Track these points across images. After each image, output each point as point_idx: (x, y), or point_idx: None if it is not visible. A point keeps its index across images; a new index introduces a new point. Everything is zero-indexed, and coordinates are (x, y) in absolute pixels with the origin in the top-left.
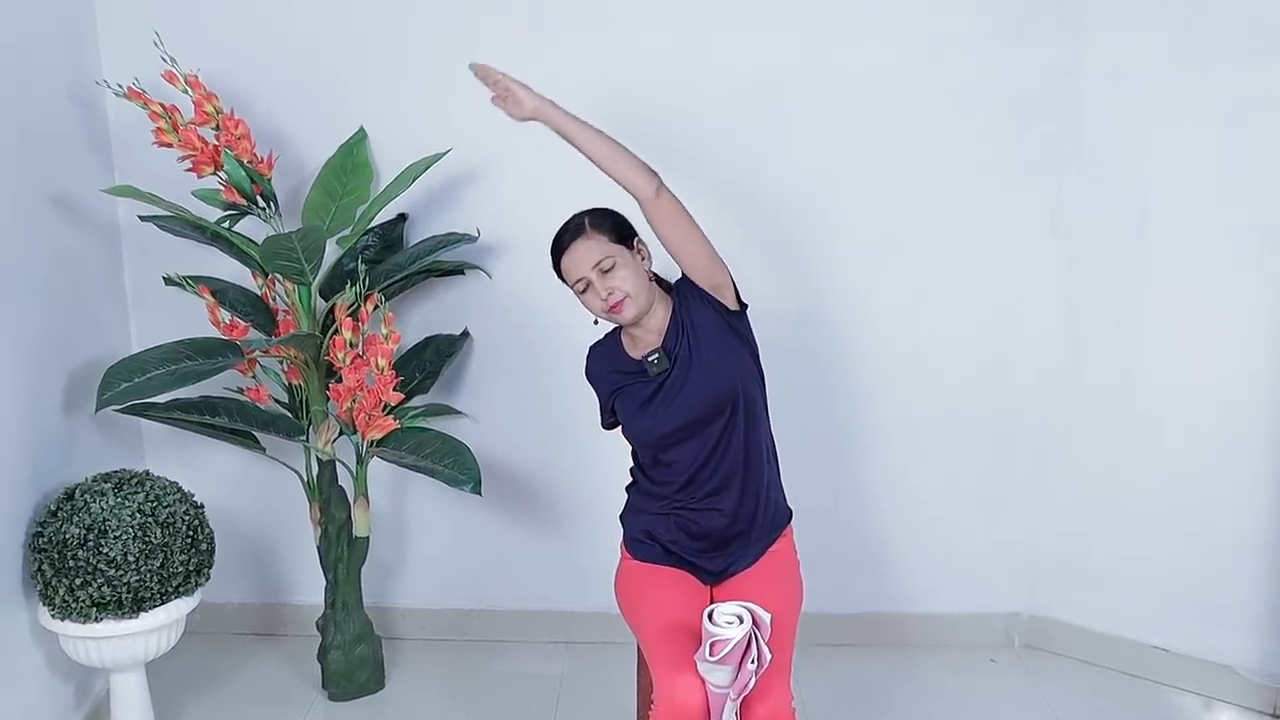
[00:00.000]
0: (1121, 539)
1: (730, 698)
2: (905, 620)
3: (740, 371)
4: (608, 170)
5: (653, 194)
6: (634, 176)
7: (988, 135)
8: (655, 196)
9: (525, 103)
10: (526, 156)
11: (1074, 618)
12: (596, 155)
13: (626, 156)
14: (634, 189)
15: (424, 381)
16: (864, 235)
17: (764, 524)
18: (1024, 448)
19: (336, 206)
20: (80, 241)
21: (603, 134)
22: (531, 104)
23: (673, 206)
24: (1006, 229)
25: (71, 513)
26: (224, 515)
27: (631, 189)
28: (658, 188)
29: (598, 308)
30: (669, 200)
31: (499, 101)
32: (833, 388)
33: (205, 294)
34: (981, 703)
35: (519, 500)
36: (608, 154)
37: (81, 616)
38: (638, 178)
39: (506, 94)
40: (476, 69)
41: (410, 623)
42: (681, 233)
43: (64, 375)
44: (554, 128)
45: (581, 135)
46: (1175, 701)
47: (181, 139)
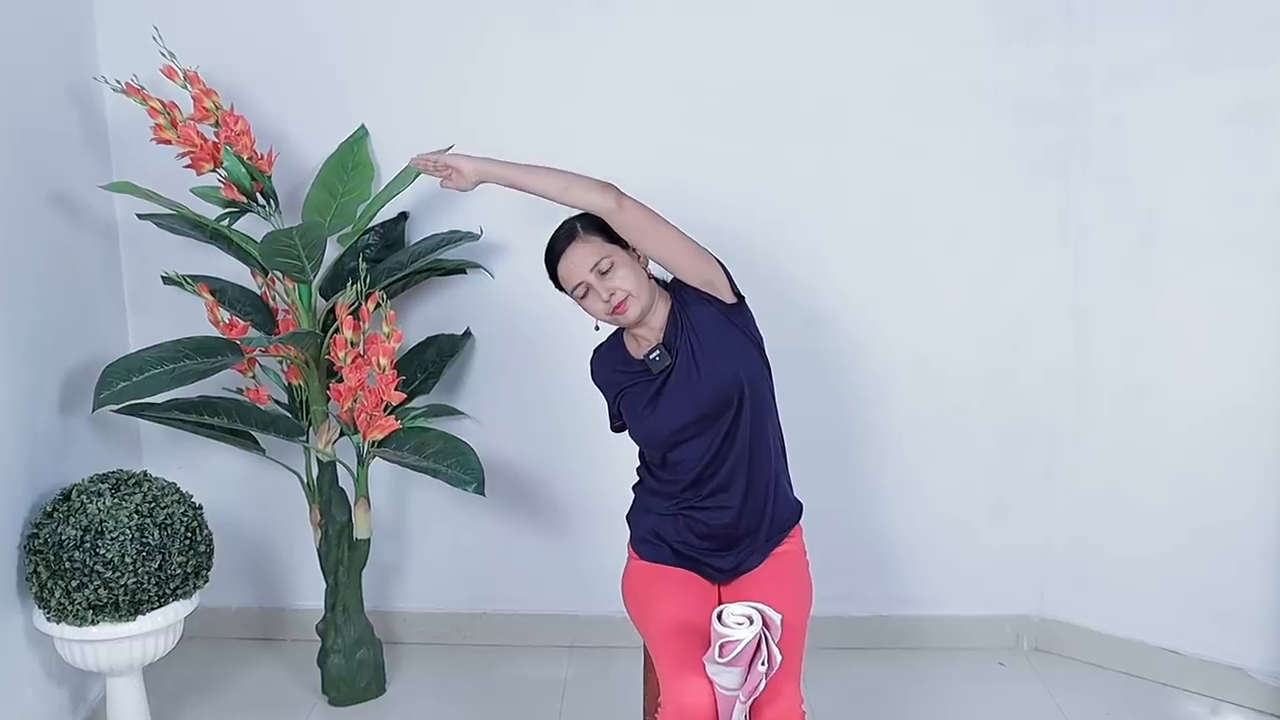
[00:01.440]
0: (1131, 541)
1: (740, 700)
2: (914, 623)
3: (744, 364)
4: (564, 201)
5: (615, 207)
6: (591, 197)
7: (995, 137)
8: (619, 209)
9: (467, 173)
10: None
11: (1083, 620)
12: (549, 192)
13: (578, 181)
14: (596, 209)
15: (426, 381)
16: (872, 237)
17: (773, 519)
18: (1033, 450)
19: (337, 204)
20: (77, 240)
21: (548, 169)
22: (472, 169)
23: (639, 213)
24: (1015, 231)
25: (68, 514)
26: (222, 518)
27: (594, 210)
28: (618, 198)
29: (600, 311)
30: (633, 208)
31: (448, 183)
32: (841, 390)
33: (204, 293)
34: (990, 706)
35: (522, 502)
36: (559, 186)
37: (78, 619)
38: (595, 197)
39: (449, 172)
40: (415, 162)
41: (412, 627)
42: (656, 237)
43: (60, 375)
44: (501, 182)
45: (529, 179)
46: (1186, 704)
47: (181, 135)
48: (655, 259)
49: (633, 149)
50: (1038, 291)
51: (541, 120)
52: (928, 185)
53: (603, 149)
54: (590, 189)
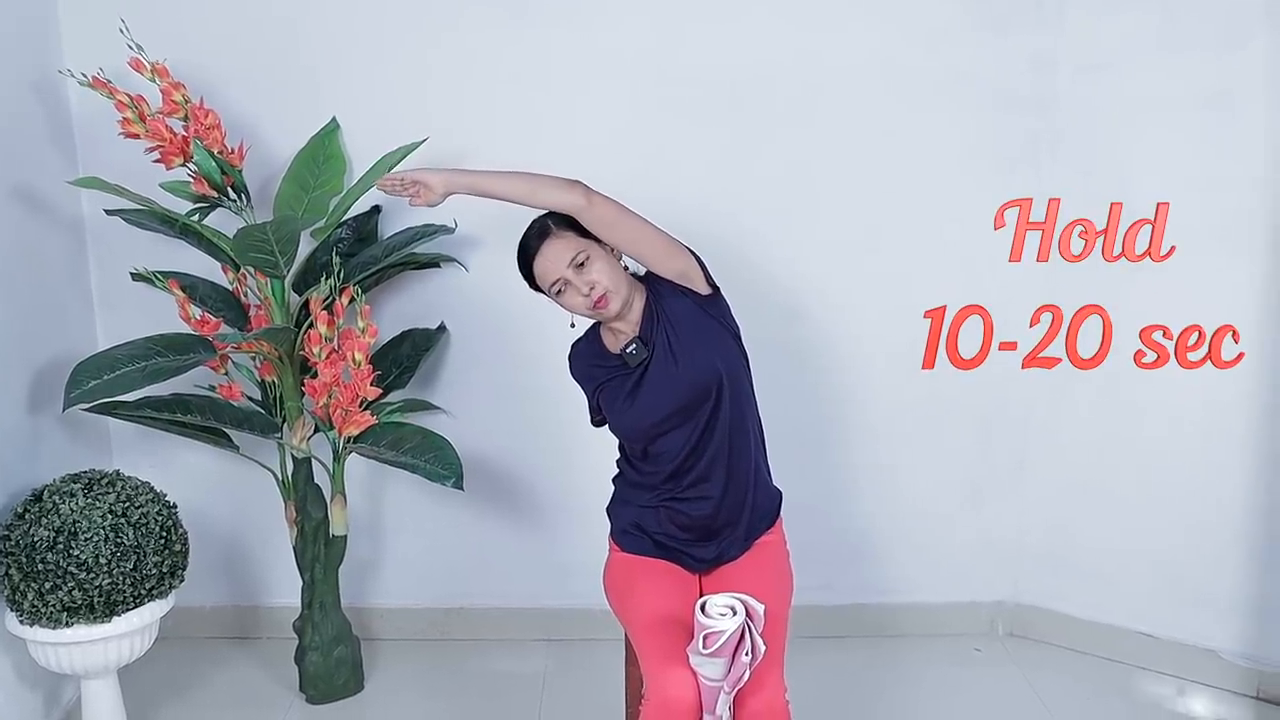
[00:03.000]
0: (1105, 527)
1: (724, 690)
2: (890, 611)
3: (721, 355)
4: (533, 204)
5: (585, 204)
6: (559, 196)
7: (969, 127)
8: (588, 205)
9: (435, 185)
10: (504, 147)
11: (1058, 605)
12: (517, 195)
13: (545, 182)
14: (565, 208)
15: (401, 376)
16: (844, 225)
17: (754, 509)
18: (1008, 438)
19: (309, 198)
20: (43, 236)
21: (514, 173)
22: (440, 181)
23: (609, 209)
24: (986, 220)
25: (40, 514)
26: (196, 516)
27: (563, 209)
28: (586, 195)
29: (580, 306)
30: (603, 203)
31: (416, 201)
32: (816, 380)
33: (175, 289)
34: (967, 691)
35: (499, 496)
36: (526, 190)
37: (51, 621)
38: (564, 195)
39: (417, 188)
40: (381, 185)
41: (389, 623)
42: (628, 231)
43: (28, 373)
44: (468, 191)
45: (496, 185)
46: (1159, 685)
47: (149, 129)
48: (628, 253)
49: (606, 139)
50: (1012, 279)
51: (513, 111)
52: (902, 176)
53: (575, 140)
54: (558, 188)
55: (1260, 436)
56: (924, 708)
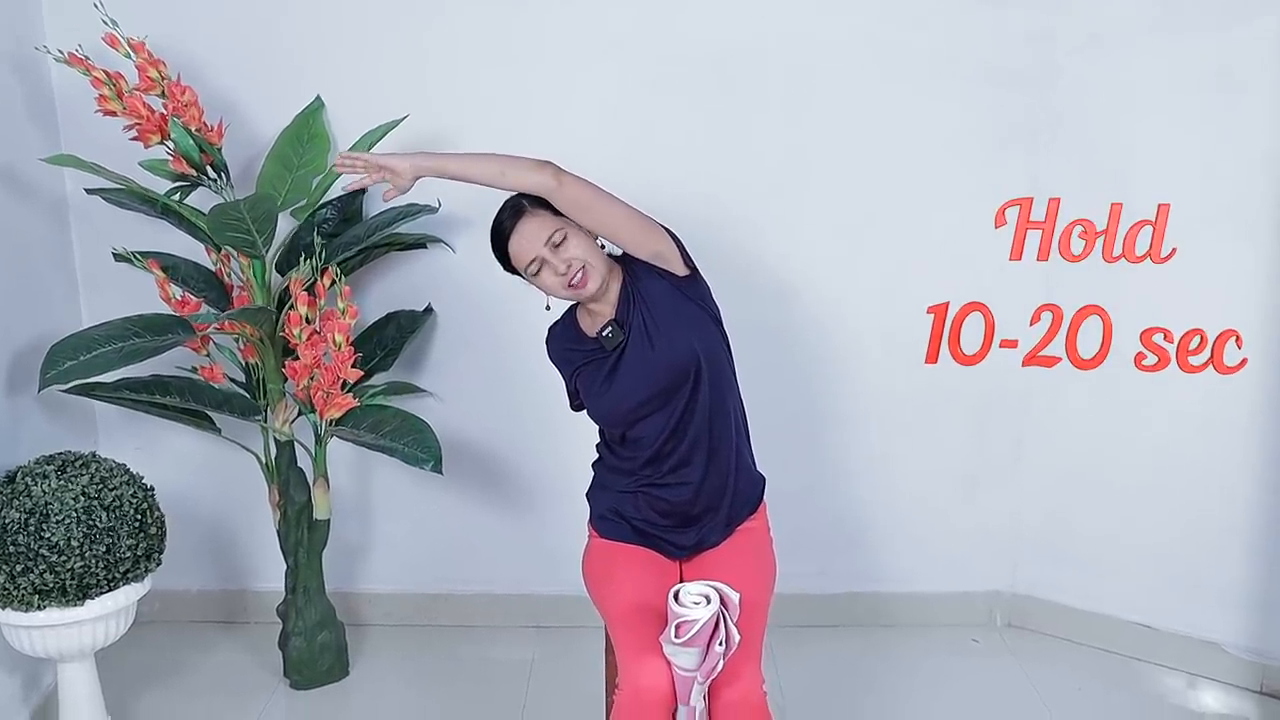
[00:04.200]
0: (1104, 516)
1: (698, 681)
2: (886, 600)
3: (699, 337)
4: (503, 186)
5: (555, 185)
6: (530, 177)
7: (965, 104)
8: (559, 186)
9: (403, 171)
10: (490, 126)
11: (1057, 596)
12: (486, 178)
13: (514, 163)
14: (535, 189)
15: (385, 359)
16: (838, 207)
17: (735, 495)
18: (1005, 425)
19: (293, 178)
20: (23, 215)
21: (483, 154)
22: (407, 167)
23: (581, 189)
24: (984, 201)
25: (11, 496)
26: (182, 499)
27: (534, 190)
28: (556, 175)
29: (557, 286)
30: (574, 183)
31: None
32: (808, 364)
33: (155, 269)
34: (964, 682)
35: (487, 481)
36: (495, 171)
37: (23, 605)
38: (534, 176)
39: (383, 173)
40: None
41: (376, 608)
42: (600, 212)
43: (8, 355)
44: (436, 174)
45: (464, 167)
46: (1160, 679)
47: (126, 107)
48: (602, 234)
49: (594, 120)
50: (1008, 264)
51: (500, 89)
52: (895, 154)
53: (563, 120)
54: (528, 169)
55: (1265, 428)
56: (919, 699)
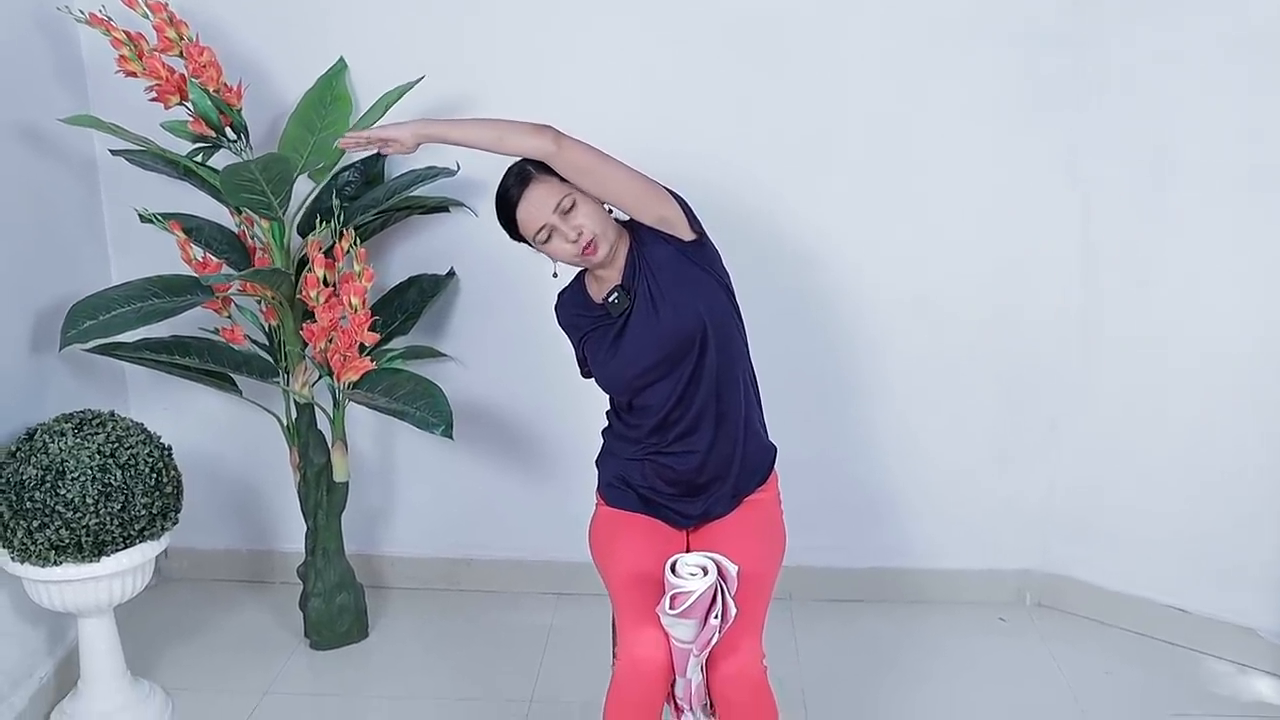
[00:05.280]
0: (1139, 494)
1: (693, 653)
2: (911, 576)
3: (706, 303)
4: (502, 151)
5: (555, 149)
6: (528, 142)
7: (999, 66)
8: (558, 150)
9: (406, 139)
10: (510, 89)
11: (1088, 576)
12: (484, 143)
13: (512, 128)
14: (534, 154)
15: (405, 322)
16: (868, 172)
17: (744, 465)
18: (1037, 398)
19: (315, 140)
20: (52, 176)
21: (482, 120)
22: (409, 134)
23: (581, 153)
24: (1020, 166)
25: (30, 453)
26: (211, 459)
27: (532, 155)
28: (556, 139)
29: (568, 253)
30: (574, 147)
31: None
32: (835, 332)
33: (176, 230)
34: (990, 662)
35: (510, 446)
36: (494, 136)
37: (41, 560)
38: (532, 141)
39: (387, 144)
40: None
41: (398, 571)
42: (602, 177)
43: (32, 314)
44: (438, 140)
45: (464, 132)
46: (1193, 664)
47: (146, 67)
48: (604, 198)
49: (612, 81)
50: (1044, 230)
51: (521, 52)
52: (927, 117)
53: (583, 80)
54: (526, 134)
55: None
56: (941, 677)
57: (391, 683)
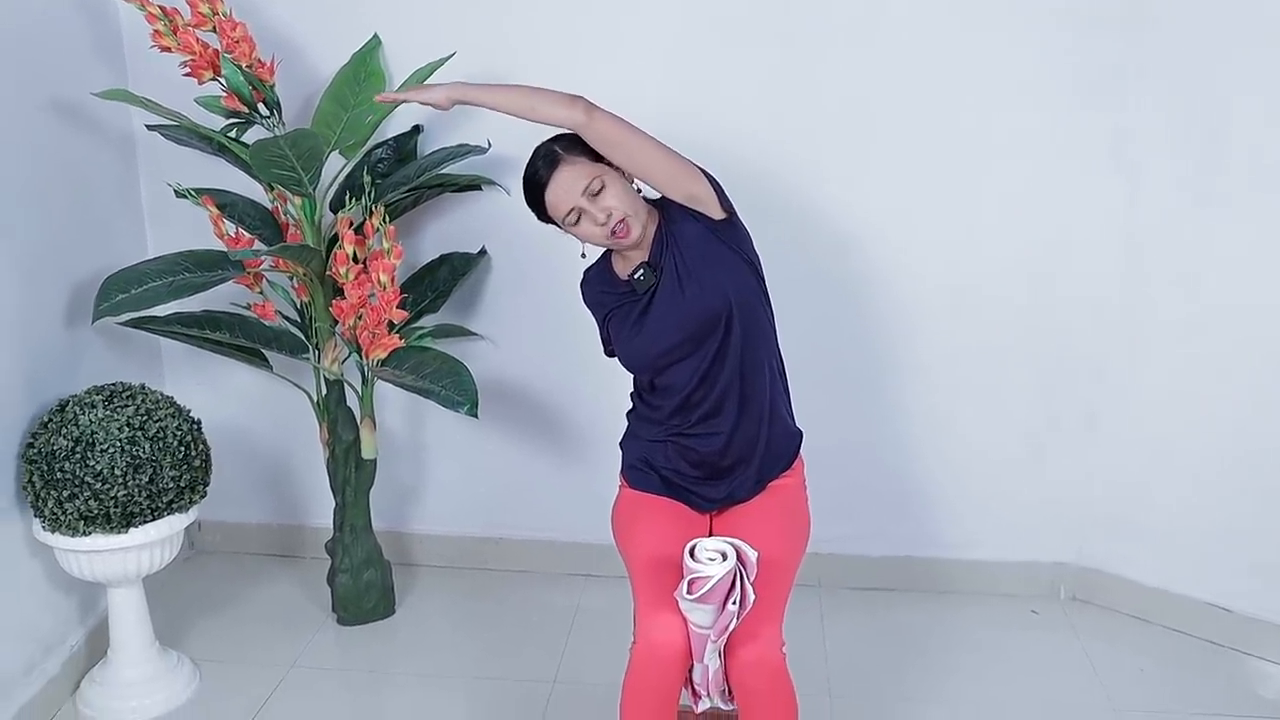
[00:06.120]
0: (1180, 487)
1: (711, 639)
2: (943, 566)
3: (733, 283)
4: (532, 118)
5: (585, 120)
6: (559, 112)
7: (1044, 47)
8: (589, 121)
9: (440, 100)
10: (545, 64)
11: (1126, 570)
12: (515, 109)
13: (544, 96)
14: (565, 124)
15: (436, 300)
16: (907, 156)
17: (768, 448)
18: (1077, 388)
19: (348, 116)
20: (88, 150)
21: (515, 86)
22: (444, 95)
23: (612, 125)
24: (1064, 151)
25: (61, 424)
26: (244, 434)
27: (563, 125)
28: (587, 110)
29: (597, 235)
30: (605, 120)
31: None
32: (871, 316)
33: (209, 205)
34: (1021, 656)
35: (541, 426)
36: (525, 104)
37: (70, 530)
38: (563, 111)
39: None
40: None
41: (427, 549)
42: (633, 150)
43: (68, 287)
44: (472, 102)
45: (497, 97)
46: (1235, 664)
47: (180, 42)
48: (633, 173)
49: (650, 60)
50: (1088, 217)
51: (556, 27)
52: (970, 98)
53: (619, 58)
54: (557, 103)
55: None
56: (969, 670)
57: (417, 660)
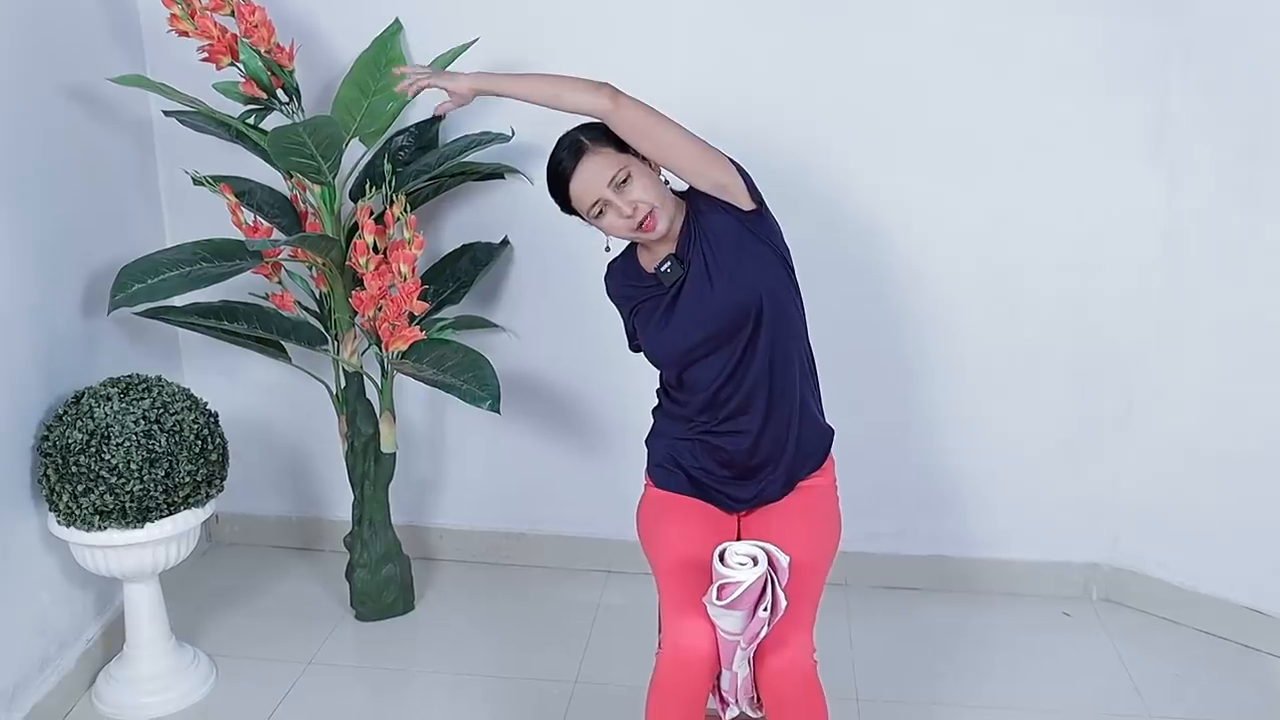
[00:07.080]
0: (1217, 488)
1: (740, 646)
2: (974, 565)
3: (763, 277)
4: (558, 107)
5: (612, 107)
6: (585, 99)
7: (1082, 33)
8: (615, 108)
9: (462, 90)
10: (571, 48)
11: (1160, 572)
12: (540, 97)
13: (570, 84)
14: (591, 112)
15: (457, 291)
16: (939, 145)
17: (799, 447)
18: (1112, 386)
19: (369, 103)
20: (107, 137)
21: (539, 74)
22: (466, 86)
23: (639, 113)
24: (1101, 140)
25: (75, 417)
26: (263, 426)
27: (589, 113)
28: (613, 97)
29: (623, 228)
30: (632, 107)
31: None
32: (902, 309)
33: (227, 194)
34: (1052, 658)
35: (563, 420)
36: (550, 92)
37: (85, 524)
38: (589, 98)
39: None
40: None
41: (447, 544)
42: (660, 139)
43: (85, 276)
44: (495, 93)
45: (521, 86)
46: (1271, 669)
47: (198, 27)
48: (660, 162)
49: (679, 47)
50: (1125, 209)
51: (581, 8)
52: (1005, 85)
53: (647, 47)
54: (583, 90)
55: None
56: (999, 671)
57: (436, 656)
